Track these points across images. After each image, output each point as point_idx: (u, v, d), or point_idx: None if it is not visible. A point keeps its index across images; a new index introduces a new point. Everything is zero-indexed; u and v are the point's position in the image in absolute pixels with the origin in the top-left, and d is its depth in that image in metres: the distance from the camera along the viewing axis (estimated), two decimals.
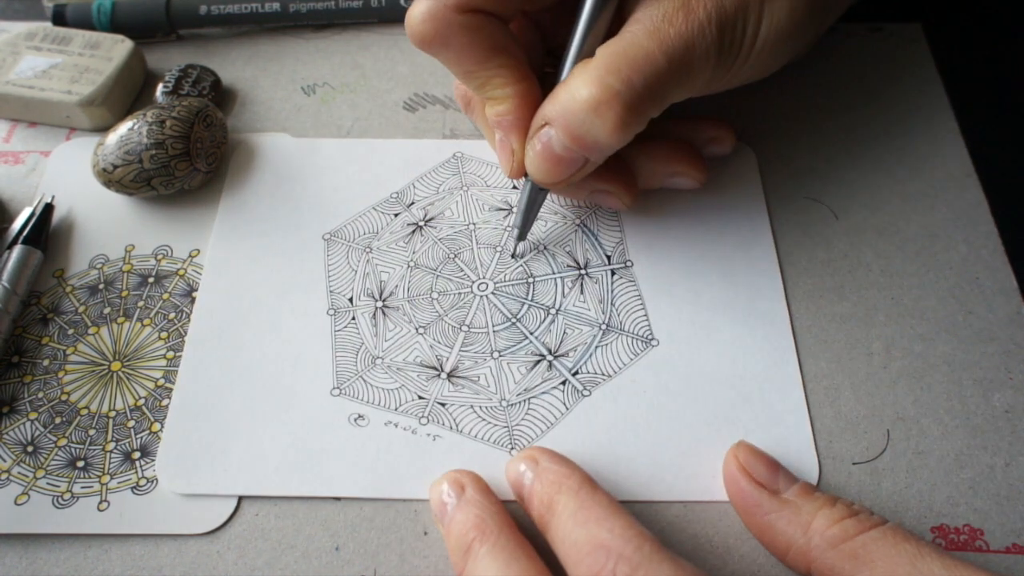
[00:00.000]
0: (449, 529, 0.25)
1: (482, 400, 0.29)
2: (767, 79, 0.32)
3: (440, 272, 0.32)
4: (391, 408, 0.29)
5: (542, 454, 0.26)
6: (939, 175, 0.35)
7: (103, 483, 0.28)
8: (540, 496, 0.24)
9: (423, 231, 0.33)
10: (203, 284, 0.32)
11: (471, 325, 0.31)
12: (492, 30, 0.27)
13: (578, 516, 0.23)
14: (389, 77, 0.39)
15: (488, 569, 0.23)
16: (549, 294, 0.31)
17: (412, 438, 0.28)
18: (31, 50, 0.37)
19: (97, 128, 0.37)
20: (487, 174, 0.35)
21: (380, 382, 0.29)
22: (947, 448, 0.28)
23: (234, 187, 0.35)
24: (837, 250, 0.33)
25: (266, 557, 0.26)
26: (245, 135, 0.37)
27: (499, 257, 0.32)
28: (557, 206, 0.34)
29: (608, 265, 0.32)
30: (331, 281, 0.32)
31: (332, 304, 0.31)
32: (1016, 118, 0.37)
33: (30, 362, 0.30)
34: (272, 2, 0.40)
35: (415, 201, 0.34)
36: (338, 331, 0.31)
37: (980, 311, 0.31)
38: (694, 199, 0.34)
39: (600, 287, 0.31)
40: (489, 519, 0.24)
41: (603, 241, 0.33)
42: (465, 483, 0.26)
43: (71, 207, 0.34)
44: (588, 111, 0.26)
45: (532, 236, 0.33)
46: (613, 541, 0.22)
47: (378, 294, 0.31)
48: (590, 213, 0.34)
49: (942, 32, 0.40)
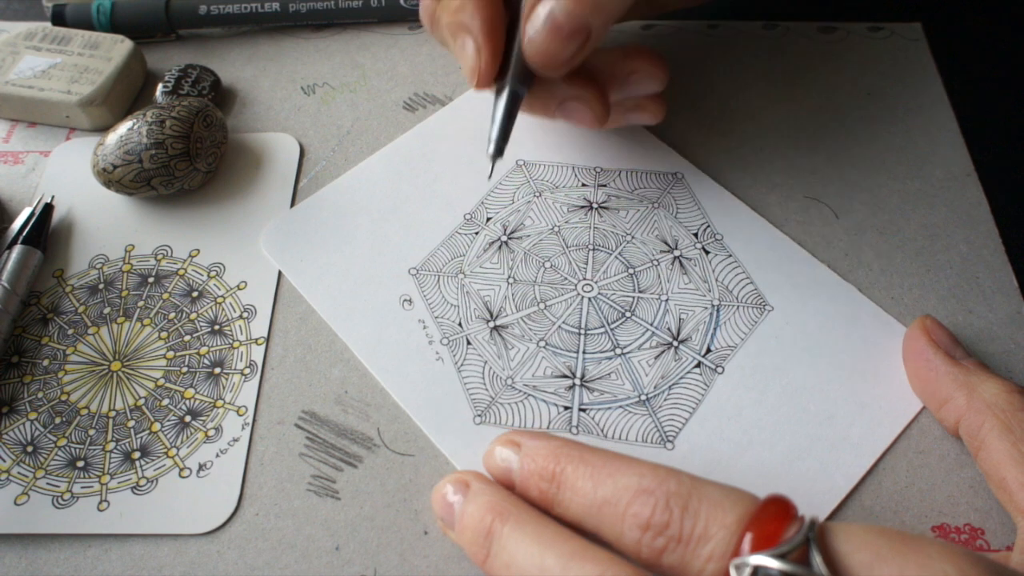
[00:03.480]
0: (463, 524, 0.23)
1: (621, 398, 0.29)
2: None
3: (540, 281, 0.32)
4: (541, 426, 0.28)
5: (519, 435, 0.25)
6: (939, 175, 0.35)
7: (103, 483, 0.28)
8: (539, 473, 0.23)
9: (509, 245, 0.33)
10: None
11: (588, 327, 0.31)
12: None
13: (596, 475, 0.22)
14: (389, 77, 0.39)
15: (519, 543, 0.22)
16: (653, 282, 0.32)
17: None
18: (31, 50, 0.37)
19: (97, 128, 0.37)
20: (554, 177, 0.35)
21: (518, 402, 0.29)
22: (947, 447, 0.28)
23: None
24: (837, 250, 0.33)
25: (266, 557, 0.26)
26: (245, 135, 0.37)
27: (594, 255, 0.32)
28: (631, 192, 0.34)
29: (698, 242, 0.32)
30: (434, 311, 0.31)
31: (443, 333, 0.31)
32: (1016, 118, 0.37)
33: (30, 362, 0.30)
34: (272, 2, 0.40)
35: (490, 217, 0.34)
36: (458, 359, 0.30)
37: (980, 311, 0.31)
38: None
39: (699, 266, 0.32)
40: (504, 501, 0.23)
41: (684, 220, 0.33)
42: (468, 480, 0.24)
43: (71, 207, 0.34)
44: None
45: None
46: (651, 483, 0.21)
47: (488, 315, 0.31)
48: (663, 192, 0.34)
49: (942, 32, 0.40)
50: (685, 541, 0.20)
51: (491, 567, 0.22)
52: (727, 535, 0.20)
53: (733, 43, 0.40)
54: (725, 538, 0.20)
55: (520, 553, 0.22)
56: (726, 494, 0.21)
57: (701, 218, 0.33)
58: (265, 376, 0.30)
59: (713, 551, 0.20)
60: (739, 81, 0.38)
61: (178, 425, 0.29)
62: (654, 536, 0.21)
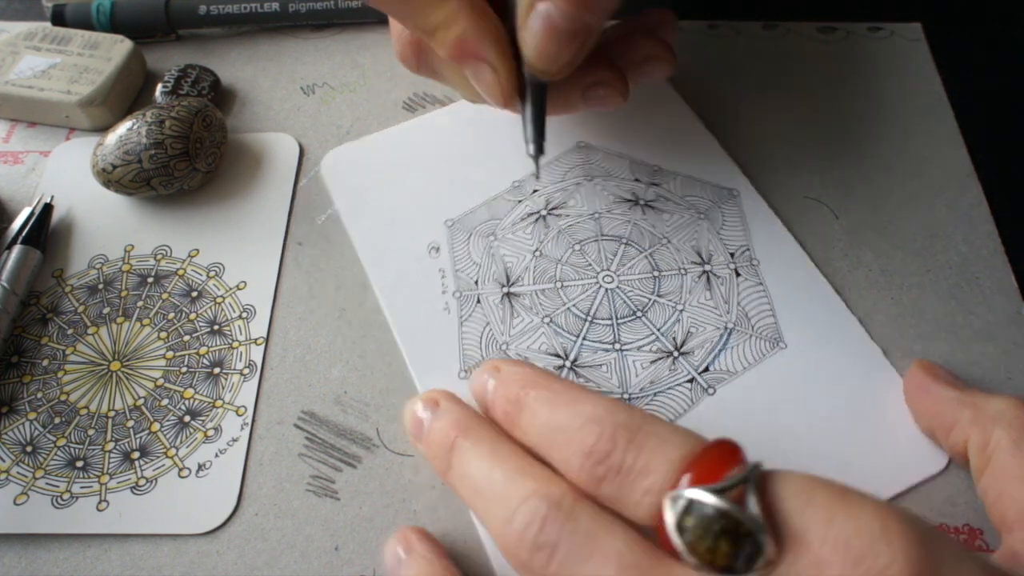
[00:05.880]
0: (429, 438, 0.25)
1: (604, 392, 0.29)
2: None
3: (565, 261, 0.32)
4: None
5: (502, 362, 0.26)
6: (939, 175, 0.35)
7: (102, 483, 0.28)
8: (506, 396, 0.24)
9: (547, 220, 0.33)
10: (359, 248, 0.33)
11: (596, 316, 0.31)
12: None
13: (555, 402, 0.23)
14: (389, 77, 0.39)
15: (475, 458, 0.23)
16: (675, 289, 0.31)
17: None
18: (30, 50, 0.37)
19: (96, 128, 0.37)
20: (611, 166, 0.35)
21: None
22: None
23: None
24: (837, 250, 0.33)
25: (266, 557, 0.26)
26: (245, 135, 0.37)
27: (625, 249, 0.32)
28: (681, 197, 0.34)
29: (732, 262, 0.32)
30: (456, 264, 0.32)
31: (458, 287, 0.31)
32: (1016, 118, 0.37)
33: (29, 362, 0.30)
34: (272, 2, 0.40)
35: (536, 189, 0.34)
36: (464, 314, 0.31)
37: (980, 311, 0.31)
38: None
39: (726, 286, 0.31)
40: (467, 419, 0.24)
41: (725, 237, 0.33)
42: (438, 398, 0.26)
43: (70, 207, 0.34)
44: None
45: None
46: (603, 413, 0.22)
47: (505, 279, 0.32)
48: (714, 205, 0.33)
49: (942, 32, 0.40)
50: (625, 472, 0.21)
51: (450, 478, 0.24)
52: (668, 470, 0.20)
53: (733, 43, 0.40)
54: (665, 473, 0.20)
55: (473, 466, 0.23)
56: (675, 432, 0.21)
57: (743, 239, 0.32)
58: (264, 376, 0.30)
59: (651, 485, 0.20)
60: (739, 81, 0.38)
61: (177, 425, 0.29)
62: (594, 464, 0.21)
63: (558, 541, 0.20)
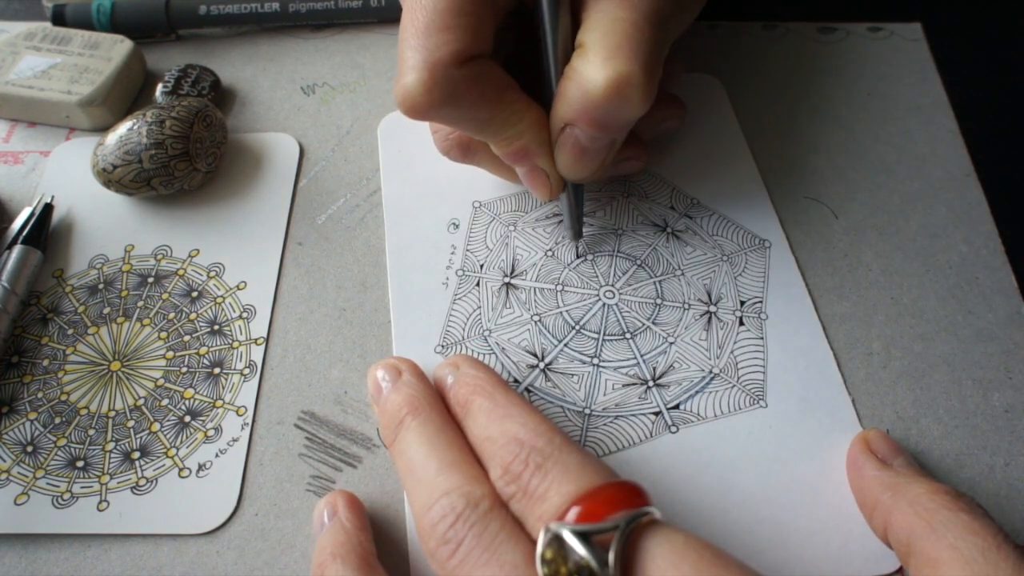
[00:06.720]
0: (384, 408, 0.26)
1: (568, 401, 0.29)
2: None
3: (574, 267, 0.32)
4: None
5: (463, 360, 0.27)
6: (939, 175, 0.35)
7: (103, 483, 0.28)
8: (457, 397, 0.26)
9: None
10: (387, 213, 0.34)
11: (584, 327, 0.31)
12: (490, 70, 0.27)
13: (492, 414, 0.24)
14: (389, 77, 0.39)
15: (418, 436, 0.24)
16: (672, 321, 0.31)
17: None
18: (31, 50, 0.37)
19: (97, 128, 0.37)
20: (651, 188, 0.34)
21: (481, 354, 0.30)
22: (947, 448, 0.28)
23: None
24: (837, 250, 0.33)
25: (266, 557, 0.26)
26: (245, 135, 0.37)
27: (636, 271, 0.32)
28: (710, 235, 0.33)
29: (740, 311, 0.31)
30: (469, 244, 0.33)
31: (464, 265, 0.32)
32: (1016, 118, 0.37)
33: (30, 362, 0.30)
34: (272, 2, 0.40)
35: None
36: (460, 292, 0.31)
37: (980, 311, 0.31)
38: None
39: (725, 332, 0.30)
40: (422, 398, 0.25)
41: (742, 285, 0.32)
42: (402, 368, 0.27)
43: (71, 207, 0.34)
44: (612, 98, 0.25)
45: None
46: (526, 434, 0.23)
47: (510, 270, 0.32)
48: (741, 251, 0.32)
49: (942, 32, 0.40)
50: (529, 495, 0.22)
51: (393, 451, 0.25)
52: (560, 502, 0.21)
53: (733, 43, 0.40)
54: (558, 504, 0.21)
55: (414, 448, 0.24)
56: (584, 466, 0.22)
57: (759, 291, 0.31)
58: (265, 376, 0.30)
59: (544, 511, 0.21)
60: (738, 81, 0.38)
61: (178, 425, 0.29)
62: (507, 482, 0.22)
63: (463, 539, 0.21)
